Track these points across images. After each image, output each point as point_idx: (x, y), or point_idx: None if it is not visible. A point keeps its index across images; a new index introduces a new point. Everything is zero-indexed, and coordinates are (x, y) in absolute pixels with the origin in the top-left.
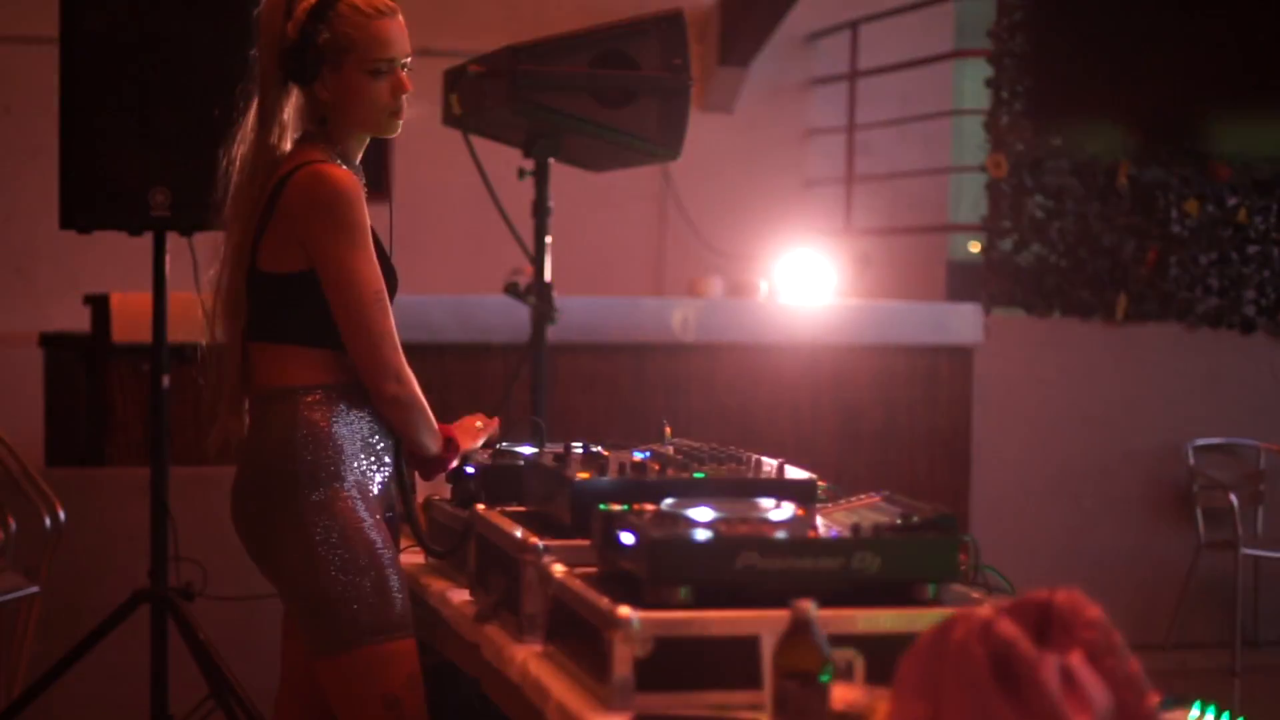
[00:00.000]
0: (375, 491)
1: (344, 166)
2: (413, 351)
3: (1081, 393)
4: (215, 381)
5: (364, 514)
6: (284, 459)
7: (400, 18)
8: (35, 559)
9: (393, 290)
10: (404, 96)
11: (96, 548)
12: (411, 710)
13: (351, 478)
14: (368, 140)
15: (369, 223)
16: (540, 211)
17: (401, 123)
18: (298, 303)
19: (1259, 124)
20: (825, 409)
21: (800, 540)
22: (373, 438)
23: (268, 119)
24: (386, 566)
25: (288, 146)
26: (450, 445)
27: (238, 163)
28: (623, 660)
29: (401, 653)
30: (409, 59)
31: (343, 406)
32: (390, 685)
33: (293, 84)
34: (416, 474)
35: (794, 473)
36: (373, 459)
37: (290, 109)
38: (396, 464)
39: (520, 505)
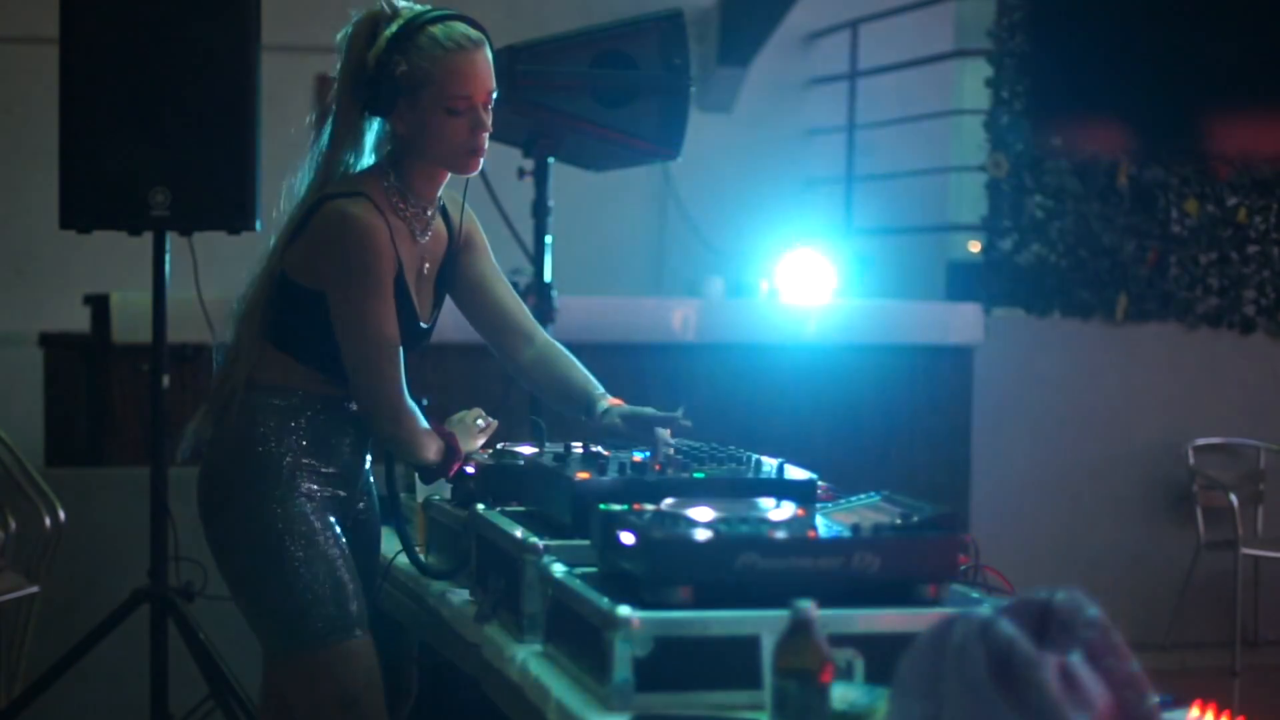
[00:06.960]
0: (334, 495)
1: (374, 208)
2: None
3: (1081, 393)
4: (219, 379)
5: (314, 517)
6: (238, 454)
7: (485, 51)
8: (35, 559)
9: (414, 342)
10: (483, 135)
11: (96, 548)
12: (369, 710)
13: (305, 481)
14: (444, 177)
15: (389, 267)
16: (540, 211)
17: (481, 161)
18: (303, 316)
19: (1259, 124)
20: (825, 409)
21: (800, 540)
22: (335, 441)
23: (341, 140)
24: (339, 568)
25: (359, 167)
26: (450, 454)
27: (298, 173)
28: (623, 660)
29: (356, 653)
30: (492, 95)
31: (309, 411)
32: (347, 686)
33: (369, 113)
34: (417, 475)
35: (794, 473)
36: (332, 462)
37: (369, 135)
38: (389, 470)
39: (520, 505)
